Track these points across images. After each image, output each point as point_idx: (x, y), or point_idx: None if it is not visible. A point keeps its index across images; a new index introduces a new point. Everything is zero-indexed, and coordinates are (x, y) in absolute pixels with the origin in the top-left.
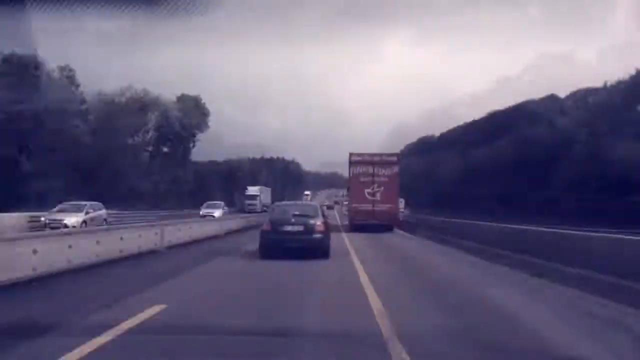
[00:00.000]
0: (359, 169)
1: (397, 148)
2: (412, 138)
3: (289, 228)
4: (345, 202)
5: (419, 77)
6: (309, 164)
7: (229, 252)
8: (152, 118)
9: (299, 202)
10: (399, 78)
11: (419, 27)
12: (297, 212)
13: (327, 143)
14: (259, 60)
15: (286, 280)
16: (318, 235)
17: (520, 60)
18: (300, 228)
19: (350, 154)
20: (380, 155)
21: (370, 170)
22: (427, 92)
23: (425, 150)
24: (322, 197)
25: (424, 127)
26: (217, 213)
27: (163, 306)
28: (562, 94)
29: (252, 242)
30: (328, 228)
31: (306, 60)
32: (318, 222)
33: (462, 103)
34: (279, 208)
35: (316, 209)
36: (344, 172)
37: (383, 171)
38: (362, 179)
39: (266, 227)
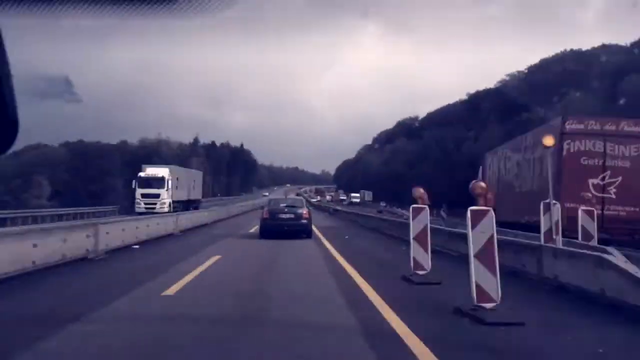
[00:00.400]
0: (579, 145)
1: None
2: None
3: (283, 216)
4: (331, 194)
5: (384, 73)
6: (267, 157)
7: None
8: None
9: (289, 197)
10: (363, 75)
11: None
12: (288, 204)
13: (290, 139)
14: (221, 56)
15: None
16: (304, 221)
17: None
18: (292, 216)
19: (564, 120)
20: (618, 123)
21: (600, 147)
22: (395, 87)
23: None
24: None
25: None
26: None
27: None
28: None
29: None
30: (311, 216)
31: (271, 56)
32: (305, 212)
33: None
34: (274, 202)
35: (302, 202)
36: (307, 167)
37: (624, 150)
38: (583, 161)
39: (266, 215)
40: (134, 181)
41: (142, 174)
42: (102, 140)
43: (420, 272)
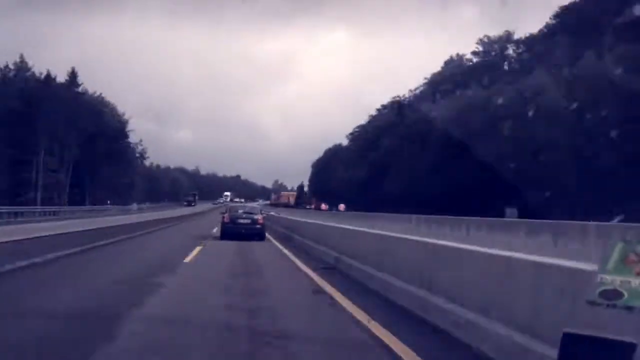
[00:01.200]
0: None
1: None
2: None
3: (241, 221)
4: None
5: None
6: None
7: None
8: None
9: (247, 204)
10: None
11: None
12: (246, 211)
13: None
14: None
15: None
16: (259, 226)
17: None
18: (248, 221)
19: None
20: None
21: None
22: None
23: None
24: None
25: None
26: None
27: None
28: None
29: None
30: (264, 222)
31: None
32: (260, 218)
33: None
34: (234, 208)
35: (258, 209)
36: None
37: None
38: None
39: (226, 219)
40: None
41: None
42: None
43: None
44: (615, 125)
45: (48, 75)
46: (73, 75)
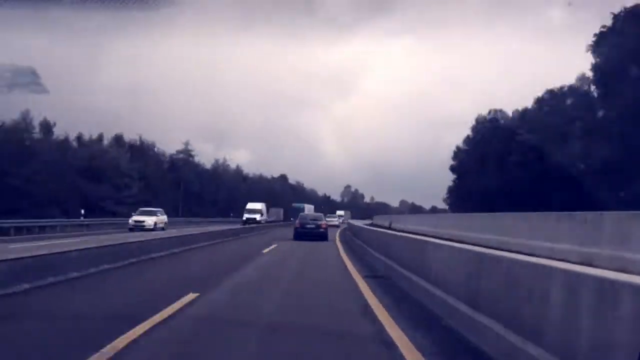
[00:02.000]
0: None
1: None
2: None
3: (309, 226)
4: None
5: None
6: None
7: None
8: None
9: (311, 213)
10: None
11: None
12: (312, 218)
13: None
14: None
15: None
16: (322, 230)
17: None
18: (314, 226)
19: None
20: None
21: None
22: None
23: None
24: None
25: None
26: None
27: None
28: None
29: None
30: (327, 226)
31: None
32: (323, 223)
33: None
34: (303, 216)
35: (322, 217)
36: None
37: None
38: None
39: (297, 225)
40: None
41: None
42: None
43: None
44: None
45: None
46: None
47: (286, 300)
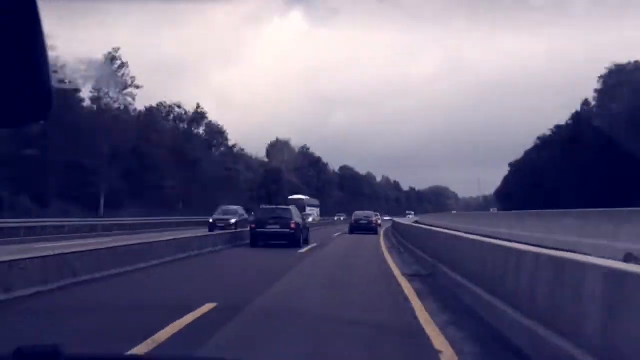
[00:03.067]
0: None
1: None
2: None
3: (362, 222)
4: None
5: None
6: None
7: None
8: None
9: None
10: None
11: None
12: (365, 216)
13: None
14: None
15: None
16: (374, 225)
17: None
18: (366, 222)
19: None
20: None
21: None
22: None
23: None
24: None
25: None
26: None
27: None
28: None
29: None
30: (378, 222)
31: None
32: (374, 220)
33: None
34: (357, 214)
35: (373, 214)
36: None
37: None
38: None
39: (353, 222)
40: None
41: None
42: None
43: None
44: None
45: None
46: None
47: None
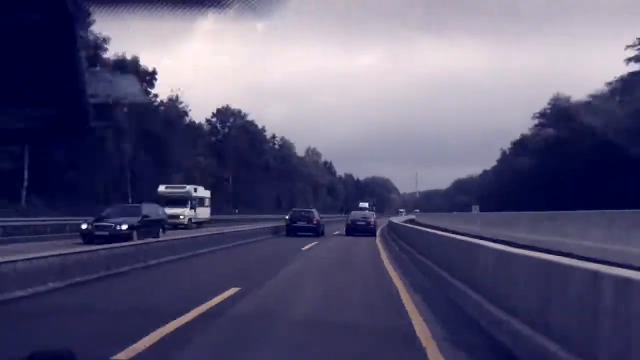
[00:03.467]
0: None
1: None
2: None
3: (359, 222)
4: None
5: None
6: None
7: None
8: None
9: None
10: None
11: None
12: (362, 216)
13: None
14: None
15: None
16: (372, 226)
17: None
18: (364, 223)
19: None
20: None
21: None
22: None
23: None
24: None
25: None
26: None
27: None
28: None
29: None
30: (376, 222)
31: None
32: (372, 220)
33: None
34: (354, 213)
35: (372, 215)
36: None
37: None
38: None
39: (349, 222)
40: None
41: None
42: None
43: None
44: None
45: None
46: None
47: None
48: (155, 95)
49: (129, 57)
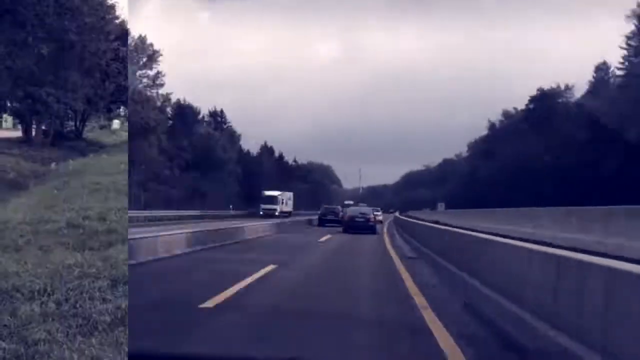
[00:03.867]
0: None
1: None
2: None
3: (358, 219)
4: None
5: None
6: None
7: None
8: None
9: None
10: None
11: None
12: (361, 212)
13: None
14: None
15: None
16: (371, 223)
17: None
18: (363, 219)
19: None
20: None
21: None
22: None
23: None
24: None
25: None
26: None
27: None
28: None
29: None
30: (375, 219)
31: None
32: (371, 217)
33: None
34: (351, 209)
35: (370, 210)
36: None
37: None
38: None
39: (346, 218)
40: None
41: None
42: None
43: None
44: None
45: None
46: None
47: None
48: None
49: None
